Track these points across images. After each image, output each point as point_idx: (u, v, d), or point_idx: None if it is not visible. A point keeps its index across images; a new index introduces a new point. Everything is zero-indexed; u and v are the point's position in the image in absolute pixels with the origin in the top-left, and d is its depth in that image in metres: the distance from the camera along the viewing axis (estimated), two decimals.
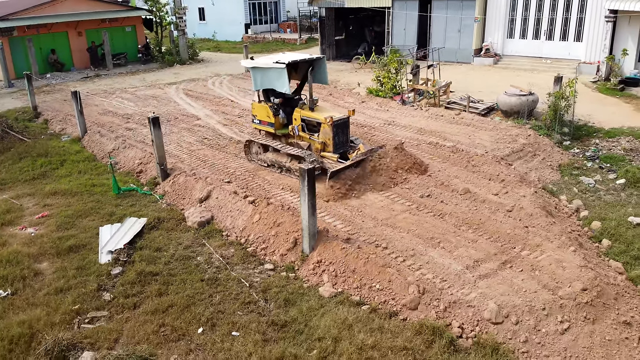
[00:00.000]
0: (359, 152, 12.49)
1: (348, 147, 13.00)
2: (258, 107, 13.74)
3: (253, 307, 8.12)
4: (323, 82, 13.90)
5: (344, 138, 12.84)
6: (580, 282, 8.00)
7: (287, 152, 12.68)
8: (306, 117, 12.93)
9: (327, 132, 12.45)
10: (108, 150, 15.56)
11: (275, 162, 13.09)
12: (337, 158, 12.40)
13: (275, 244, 9.87)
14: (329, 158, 12.48)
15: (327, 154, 12.57)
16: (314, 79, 13.45)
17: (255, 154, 13.81)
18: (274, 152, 13.16)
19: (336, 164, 12.18)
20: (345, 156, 12.63)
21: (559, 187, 13.00)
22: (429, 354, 7.04)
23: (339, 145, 12.70)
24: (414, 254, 9.15)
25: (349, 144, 13.07)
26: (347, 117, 12.86)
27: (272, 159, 13.19)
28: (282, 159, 12.91)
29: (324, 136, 12.56)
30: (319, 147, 12.69)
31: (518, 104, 16.67)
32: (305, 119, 12.98)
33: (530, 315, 7.50)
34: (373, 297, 8.31)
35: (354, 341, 7.12)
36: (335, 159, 12.37)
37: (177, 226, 11.00)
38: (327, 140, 12.56)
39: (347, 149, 12.90)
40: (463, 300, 7.84)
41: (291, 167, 12.60)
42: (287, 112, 13.48)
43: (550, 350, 7.13)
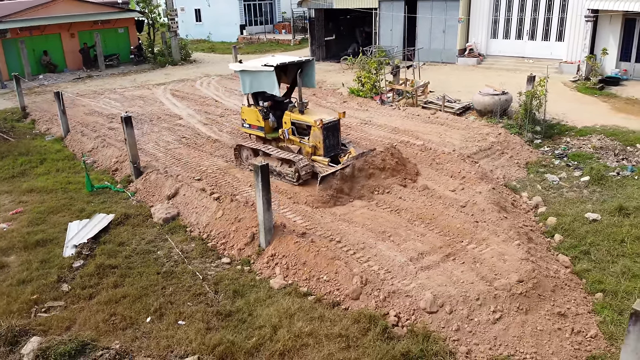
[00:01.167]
0: (350, 156, 12.34)
1: (339, 150, 12.86)
2: (247, 111, 13.67)
3: (203, 299, 8.45)
4: (310, 85, 13.87)
5: (334, 141, 12.69)
6: (517, 274, 8.29)
7: (277, 156, 12.48)
8: (296, 120, 12.83)
9: (317, 135, 12.36)
10: (87, 150, 15.95)
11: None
12: (328, 162, 12.25)
13: (234, 239, 10.20)
14: (320, 162, 12.34)
15: (318, 158, 12.44)
16: (302, 82, 13.32)
17: (245, 158, 13.58)
18: (264, 157, 12.96)
19: (327, 167, 12.05)
20: (336, 160, 12.51)
21: (523, 184, 13.27)
22: (363, 341, 7.34)
23: (330, 149, 12.56)
24: (364, 247, 9.46)
25: (340, 147, 12.91)
26: (337, 119, 12.71)
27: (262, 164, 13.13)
28: (272, 163, 12.63)
29: (315, 139, 12.46)
30: (310, 150, 12.57)
31: (491, 103, 16.94)
32: (295, 122, 12.88)
33: (464, 305, 7.79)
34: (320, 288, 8.62)
35: (292, 329, 7.44)
36: (325, 163, 12.23)
37: (144, 222, 11.35)
38: (317, 144, 12.45)
39: (338, 152, 12.78)
40: (402, 290, 8.15)
41: (282, 172, 12.46)
42: (277, 115, 13.41)
43: (480, 338, 7.42)
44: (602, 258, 9.74)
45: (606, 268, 9.41)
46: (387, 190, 11.81)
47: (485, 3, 24.57)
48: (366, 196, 11.59)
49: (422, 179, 12.44)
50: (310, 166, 12.10)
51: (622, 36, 22.03)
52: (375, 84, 20.24)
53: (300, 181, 12.06)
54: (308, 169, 12.02)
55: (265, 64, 12.53)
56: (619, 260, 9.59)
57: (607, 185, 13.04)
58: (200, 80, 26.53)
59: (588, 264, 9.58)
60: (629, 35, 21.96)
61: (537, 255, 9.21)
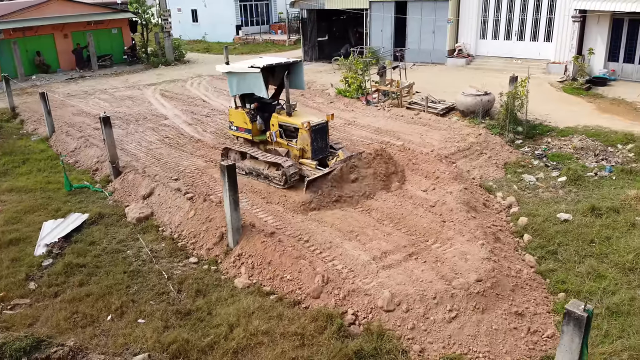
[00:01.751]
0: (338, 159, 12.09)
1: (328, 152, 12.63)
2: (235, 113, 13.47)
3: (165, 298, 8.54)
4: (299, 87, 13.54)
5: (322, 144, 12.46)
6: (476, 273, 8.34)
7: (264, 160, 12.31)
8: (284, 123, 12.60)
9: (305, 138, 12.11)
10: (70, 150, 16.07)
11: (253, 169, 12.70)
12: (316, 165, 12.05)
13: (204, 239, 10.29)
14: (308, 165, 12.13)
15: (306, 161, 12.21)
16: (290, 84, 13.04)
17: (233, 161, 13.02)
18: (251, 160, 12.81)
19: (315, 171, 11.85)
20: (325, 162, 12.31)
21: (499, 184, 13.31)
22: (318, 339, 7.41)
23: (318, 151, 12.33)
24: (330, 247, 9.53)
25: (328, 150, 12.69)
26: (325, 122, 12.46)
27: (250, 167, 12.81)
28: (259, 167, 12.53)
29: (302, 142, 12.21)
30: (298, 153, 12.33)
31: (474, 104, 16.98)
32: (282, 125, 12.64)
33: (421, 303, 7.85)
34: (283, 287, 8.70)
35: (248, 328, 7.52)
36: (313, 166, 12.02)
37: (118, 222, 11.44)
38: (305, 146, 12.19)
39: (326, 155, 12.55)
40: (362, 289, 8.21)
41: (269, 175, 12.27)
42: (264, 117, 13.16)
43: (435, 337, 7.48)
44: (568, 258, 9.79)
45: (572, 268, 9.45)
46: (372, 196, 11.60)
47: (474, 4, 24.59)
48: (353, 201, 11.35)
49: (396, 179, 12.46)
50: (297, 169, 11.93)
51: (610, 36, 22.01)
52: (361, 85, 20.27)
53: (288, 185, 11.89)
54: (295, 173, 11.84)
55: (252, 66, 12.38)
56: (586, 260, 9.64)
57: (583, 186, 13.08)
58: (191, 81, 26.64)
59: (554, 264, 9.63)
60: (616, 36, 21.94)
61: (501, 255, 9.25)
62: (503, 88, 17.66)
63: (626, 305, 8.33)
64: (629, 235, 10.42)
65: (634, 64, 21.78)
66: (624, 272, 9.30)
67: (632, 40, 21.63)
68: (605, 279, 9.09)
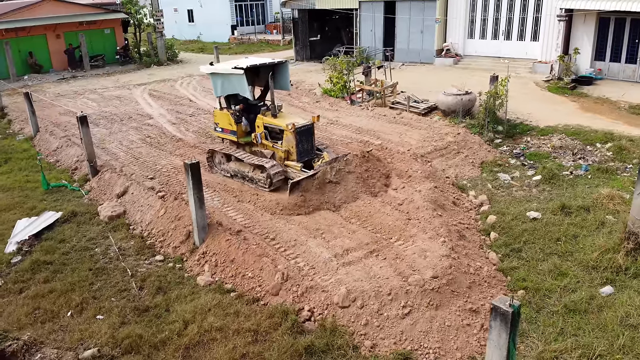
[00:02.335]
0: (323, 161, 11.94)
1: (314, 155, 12.47)
2: (220, 114, 13.27)
3: (126, 294, 8.65)
4: (284, 88, 13.40)
5: (308, 145, 12.30)
6: (433, 270, 8.41)
7: (249, 162, 12.15)
8: (269, 124, 12.45)
9: (290, 140, 11.97)
10: (52, 149, 16.20)
11: (238, 172, 12.54)
12: (301, 167, 11.89)
13: (172, 237, 10.39)
14: (293, 167, 11.99)
15: (291, 163, 12.05)
16: (275, 85, 12.91)
17: (218, 163, 13.23)
18: (236, 162, 12.64)
19: (299, 173, 11.71)
20: (310, 165, 12.13)
21: (474, 183, 13.37)
22: (272, 335, 7.50)
23: (304, 153, 12.18)
24: (295, 244, 9.62)
25: (314, 152, 12.52)
26: (311, 123, 12.32)
27: (234, 169, 12.63)
28: (244, 169, 12.37)
29: (287, 144, 12.06)
30: (283, 155, 12.19)
31: (454, 103, 17.03)
32: (268, 126, 12.49)
33: (376, 299, 7.92)
34: (244, 284, 8.79)
35: (203, 324, 7.61)
36: (298, 168, 11.86)
37: (90, 220, 11.56)
38: (290, 148, 12.04)
39: (312, 157, 12.38)
40: (319, 285, 8.30)
41: (254, 177, 12.11)
42: (250, 119, 12.97)
43: (387, 333, 7.55)
44: (533, 256, 9.85)
45: (535, 266, 9.51)
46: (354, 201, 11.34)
47: (461, 3, 24.62)
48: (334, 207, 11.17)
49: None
50: (282, 172, 11.79)
51: (596, 35, 22.02)
52: (346, 85, 20.34)
53: (272, 187, 11.75)
54: (280, 175, 11.70)
55: (235, 67, 12.21)
56: (550, 258, 9.70)
57: (557, 185, 13.12)
58: (181, 81, 26.77)
59: (517, 261, 9.70)
60: (603, 35, 21.95)
61: (462, 253, 9.32)
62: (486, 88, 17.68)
63: (584, 303, 8.38)
64: (597, 233, 10.46)
65: (621, 63, 21.78)
66: (587, 270, 9.35)
67: (618, 39, 21.64)
68: (566, 276, 9.15)
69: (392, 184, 12.00)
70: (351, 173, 11.89)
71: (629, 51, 21.43)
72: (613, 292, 8.75)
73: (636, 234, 9.57)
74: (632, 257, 9.47)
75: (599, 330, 7.79)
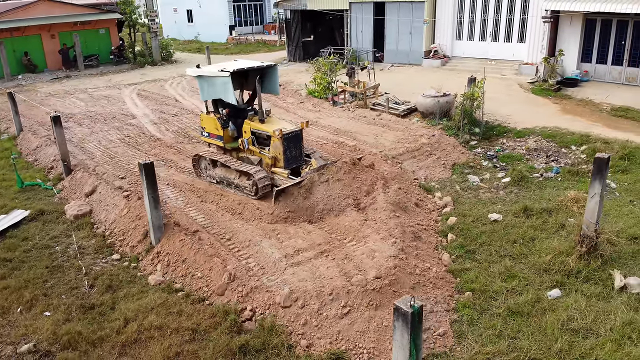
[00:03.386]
0: (311, 168, 11.62)
1: (302, 161, 12.12)
2: (206, 118, 12.83)
3: (76, 292, 8.79)
4: (273, 92, 13.00)
5: (296, 152, 11.95)
6: (376, 270, 8.48)
7: (235, 168, 11.84)
8: (256, 130, 12.11)
9: (277, 146, 11.62)
10: (32, 148, 16.42)
11: (224, 178, 12.19)
12: (288, 174, 11.59)
13: (131, 236, 10.54)
14: (280, 174, 11.69)
15: (278, 170, 11.73)
16: (264, 89, 12.59)
17: (204, 169, 12.89)
18: (223, 168, 12.27)
19: (287, 180, 11.41)
20: (299, 171, 11.84)
21: (442, 185, 13.41)
22: (211, 334, 7.61)
23: (292, 160, 11.83)
24: (249, 245, 9.73)
25: (303, 159, 12.18)
26: (299, 129, 11.98)
27: (220, 175, 12.29)
28: (230, 175, 12.02)
29: (275, 150, 11.72)
30: (270, 162, 11.84)
31: (432, 105, 17.07)
32: (255, 132, 12.16)
33: (317, 299, 8.02)
34: (193, 284, 8.92)
35: (143, 323, 7.74)
36: (285, 175, 11.57)
37: (57, 218, 11.74)
38: (277, 155, 11.70)
39: (301, 164, 12.06)
40: (264, 285, 8.41)
41: (240, 184, 11.79)
42: (237, 124, 12.56)
43: (324, 332, 7.64)
44: (486, 258, 9.90)
45: (486, 268, 9.57)
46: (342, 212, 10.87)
47: (449, 4, 24.62)
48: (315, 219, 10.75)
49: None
50: (268, 179, 11.49)
51: (583, 37, 21.95)
52: (328, 86, 20.43)
53: (259, 195, 11.43)
54: (266, 182, 11.39)
55: (222, 70, 11.82)
56: (503, 260, 9.75)
57: (526, 187, 13.15)
58: (171, 81, 26.98)
59: (470, 263, 9.75)
60: (589, 36, 21.89)
61: (412, 253, 9.39)
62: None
63: (529, 306, 8.43)
64: (556, 236, 10.51)
65: (607, 65, 21.72)
66: (538, 273, 9.39)
67: (604, 41, 21.57)
68: (516, 279, 9.20)
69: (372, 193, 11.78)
70: (340, 181, 11.36)
71: (615, 53, 21.35)
72: (560, 295, 8.80)
73: (590, 237, 9.61)
74: (585, 261, 9.50)
75: (538, 333, 7.83)
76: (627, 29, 20.74)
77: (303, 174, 11.44)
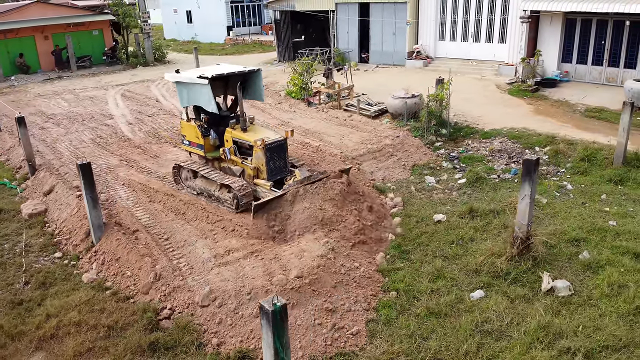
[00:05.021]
0: (294, 180, 11.03)
1: (287, 172, 11.53)
2: (187, 126, 12.28)
3: (10, 288, 9.05)
4: (257, 99, 12.38)
5: (280, 163, 11.39)
6: (298, 270, 8.63)
7: (215, 180, 11.27)
8: (238, 139, 11.55)
9: (259, 157, 11.08)
10: (6, 148, 16.82)
11: (204, 190, 11.65)
12: (271, 186, 11.04)
13: (77, 235, 10.81)
14: (262, 186, 11.14)
15: (261, 181, 11.19)
16: (248, 95, 12.12)
17: (185, 180, 12.30)
18: (203, 179, 11.70)
19: (269, 192, 10.87)
20: (283, 183, 11.23)
21: (399, 185, 13.50)
22: (127, 331, 7.83)
23: (275, 171, 11.28)
24: (184, 244, 9.93)
25: (287, 170, 11.60)
26: (283, 139, 11.40)
27: (201, 187, 11.73)
28: (211, 187, 11.48)
29: (257, 161, 11.17)
30: (252, 172, 11.30)
31: (400, 106, 17.14)
32: (237, 141, 11.61)
33: (235, 299, 8.19)
34: (122, 282, 9.15)
35: (64, 319, 7.98)
36: (268, 187, 11.02)
37: (13, 217, 12.06)
38: (260, 166, 11.16)
39: (285, 175, 11.44)
40: (187, 285, 8.61)
41: (220, 197, 11.24)
42: (219, 132, 12.00)
43: (237, 331, 7.82)
44: (420, 258, 10.00)
45: (418, 268, 9.67)
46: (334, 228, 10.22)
47: (432, 5, 24.62)
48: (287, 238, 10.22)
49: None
50: (250, 191, 10.92)
51: (563, 37, 21.84)
52: (303, 86, 20.58)
53: (240, 209, 10.82)
54: (248, 195, 10.81)
55: (200, 76, 11.21)
56: (435, 261, 9.82)
57: (480, 188, 13.20)
58: (158, 81, 27.30)
59: (403, 263, 9.86)
60: (570, 36, 21.77)
61: (343, 253, 9.50)
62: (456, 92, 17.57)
63: (448, 307, 8.52)
64: (496, 237, 10.56)
65: (587, 65, 21.60)
66: (467, 274, 9.47)
67: (584, 41, 21.45)
68: (444, 279, 9.28)
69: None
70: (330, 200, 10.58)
71: (595, 53, 21.24)
72: (483, 296, 8.86)
73: (522, 239, 9.67)
74: (516, 262, 9.55)
75: (451, 334, 7.92)
76: (607, 28, 20.61)
77: (285, 187, 10.86)
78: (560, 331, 7.79)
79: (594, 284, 8.92)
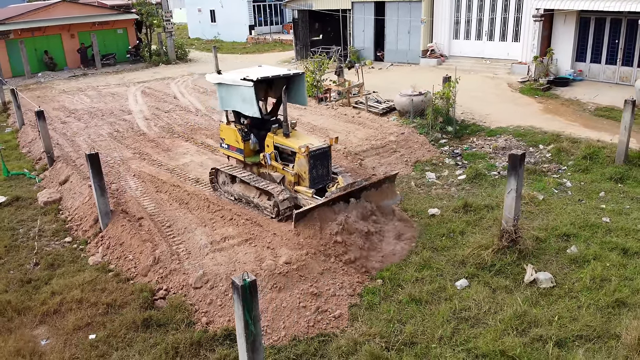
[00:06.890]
0: (338, 187, 10.54)
1: (329, 180, 11.08)
2: (226, 129, 11.82)
3: (22, 268, 9.73)
4: (300, 103, 11.87)
5: (323, 171, 10.88)
6: (287, 256, 9.07)
7: (255, 186, 10.96)
8: (280, 145, 11.06)
9: (302, 164, 10.62)
10: (28, 141, 17.71)
11: (243, 195, 11.34)
12: (312, 194, 10.58)
13: (86, 221, 11.47)
14: (304, 193, 10.68)
15: (302, 189, 10.72)
16: (290, 99, 11.59)
17: (222, 184, 12.01)
18: (242, 184, 11.39)
19: (311, 200, 10.40)
20: (325, 190, 10.79)
21: (399, 181, 13.81)
22: (124, 309, 8.40)
23: (318, 180, 10.79)
24: (184, 232, 10.48)
25: (329, 177, 11.14)
26: (327, 146, 10.91)
27: (239, 192, 11.43)
28: (250, 193, 11.15)
29: (299, 168, 10.72)
30: (293, 179, 10.84)
31: (408, 104, 17.43)
32: (278, 147, 11.13)
33: (226, 282, 8.68)
34: (124, 265, 9.74)
35: (67, 296, 8.59)
36: (310, 195, 10.57)
37: (30, 204, 12.80)
38: (302, 173, 10.71)
39: (327, 183, 11.01)
40: (183, 268, 9.14)
41: (259, 204, 10.93)
42: (259, 136, 11.51)
43: (226, 311, 8.30)
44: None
45: (406, 259, 9.98)
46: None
47: (446, 4, 24.78)
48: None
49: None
50: (291, 199, 10.56)
51: (577, 36, 21.79)
52: (314, 83, 21.01)
53: (280, 217, 10.48)
54: (289, 204, 10.45)
55: (244, 78, 10.64)
56: (424, 252, 10.13)
57: (479, 184, 13.43)
58: (178, 79, 28.09)
59: None
60: (584, 35, 21.71)
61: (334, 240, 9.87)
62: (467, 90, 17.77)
63: (430, 294, 8.84)
64: (486, 231, 10.81)
65: (601, 64, 21.51)
66: (454, 265, 9.76)
67: (598, 40, 21.38)
68: (430, 269, 9.60)
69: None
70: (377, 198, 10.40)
71: (609, 52, 21.15)
72: (466, 285, 9.16)
73: (509, 232, 9.92)
74: (502, 255, 9.82)
75: (429, 320, 8.24)
76: (621, 27, 20.51)
77: (327, 194, 10.38)
78: (535, 320, 8.04)
79: (577, 277, 9.11)
